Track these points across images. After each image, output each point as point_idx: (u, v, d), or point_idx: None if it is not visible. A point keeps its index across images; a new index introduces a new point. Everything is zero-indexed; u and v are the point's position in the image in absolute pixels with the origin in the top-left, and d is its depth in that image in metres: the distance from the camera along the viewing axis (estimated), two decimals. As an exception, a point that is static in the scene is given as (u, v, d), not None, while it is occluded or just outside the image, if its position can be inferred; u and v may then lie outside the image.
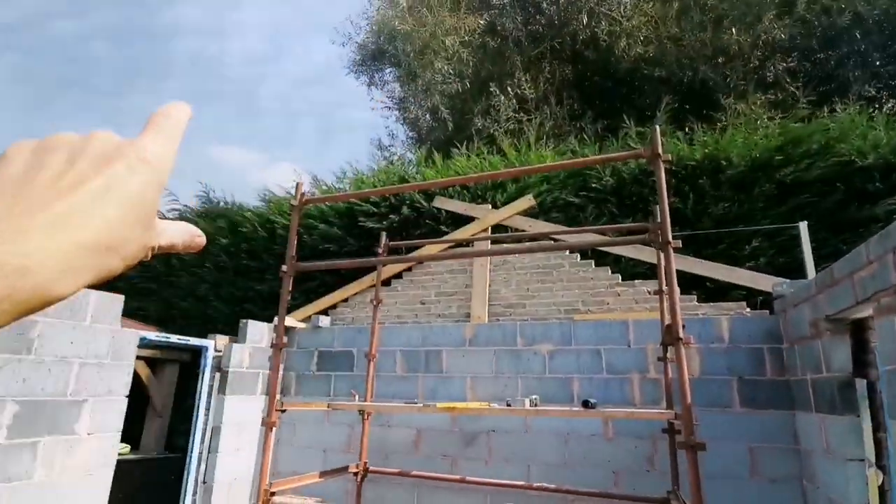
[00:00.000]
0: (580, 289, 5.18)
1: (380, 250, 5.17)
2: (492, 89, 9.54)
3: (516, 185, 6.13)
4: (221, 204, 7.86)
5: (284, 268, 3.82)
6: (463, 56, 10.12)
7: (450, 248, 5.83)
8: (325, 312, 5.91)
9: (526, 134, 7.83)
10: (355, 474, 4.54)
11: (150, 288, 7.23)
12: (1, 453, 3.03)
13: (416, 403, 4.69)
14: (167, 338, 4.50)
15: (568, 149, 7.00)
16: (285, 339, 3.98)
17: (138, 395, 4.81)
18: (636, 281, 5.00)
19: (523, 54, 10.27)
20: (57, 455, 3.32)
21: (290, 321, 5.32)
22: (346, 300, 5.95)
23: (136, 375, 4.30)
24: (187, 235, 0.37)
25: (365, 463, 4.60)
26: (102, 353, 3.66)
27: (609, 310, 4.99)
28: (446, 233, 5.99)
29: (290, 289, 3.93)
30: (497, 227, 5.81)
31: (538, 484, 4.16)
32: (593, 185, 5.93)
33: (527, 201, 5.79)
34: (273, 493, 3.61)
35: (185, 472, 4.50)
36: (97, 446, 3.58)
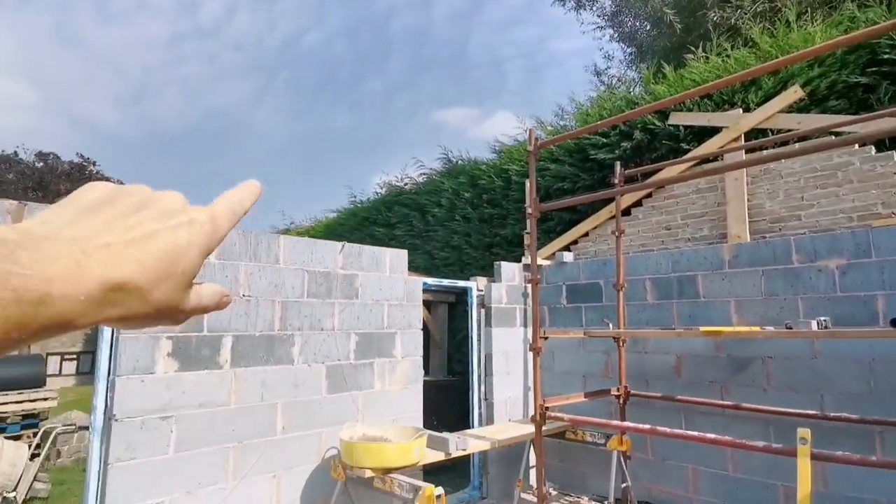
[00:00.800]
0: (879, 188, 4.21)
1: (615, 181, 5.09)
2: (727, -30, 8.01)
3: (774, 77, 5.18)
4: (459, 162, 8.73)
5: (529, 210, 4.15)
6: (684, -59, 8.70)
7: (693, 166, 5.35)
8: (566, 249, 6.16)
9: (782, 12, 6.42)
10: (617, 396, 4.78)
11: (415, 243, 8.61)
12: (353, 369, 4.21)
13: (672, 329, 4.61)
14: (440, 282, 5.38)
15: (844, 17, 5.52)
16: (538, 276, 4.37)
17: (422, 331, 5.91)
18: (972, 168, 3.81)
19: (766, -90, 8.24)
20: (385, 371, 4.42)
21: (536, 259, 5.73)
22: (585, 234, 6.07)
23: (422, 313, 5.30)
24: (217, 296, 0.37)
25: (626, 387, 4.79)
26: (400, 296, 4.64)
27: (928, 210, 3.95)
28: (687, 150, 5.49)
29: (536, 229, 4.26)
30: (751, 134, 5.07)
31: (835, 414, 3.71)
32: (886, 56, 4.61)
33: (791, 94, 4.86)
34: (547, 408, 4.12)
35: (471, 391, 5.41)
36: (409, 367, 4.61)
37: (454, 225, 8.04)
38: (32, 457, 6.16)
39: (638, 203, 5.77)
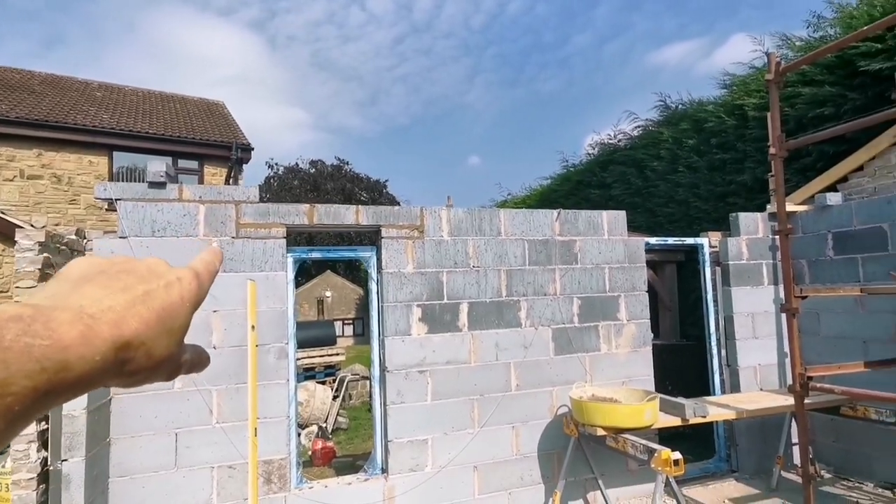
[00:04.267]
0: None
1: (901, 94, 3.96)
2: None
3: None
4: (679, 107, 7.84)
5: (772, 150, 3.57)
6: None
7: None
8: (830, 189, 5.06)
9: None
10: (918, 368, 3.81)
11: (634, 202, 8.14)
12: (578, 332, 4.32)
13: None
14: (665, 240, 5.03)
15: None
16: (789, 225, 3.74)
17: (649, 293, 5.62)
18: None
19: None
20: (611, 335, 4.42)
21: (787, 206, 4.86)
22: (859, 168, 4.88)
23: (647, 275, 5.04)
24: (197, 354, 0.40)
25: (931, 356, 3.78)
26: (620, 258, 4.53)
27: None
28: None
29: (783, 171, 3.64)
30: None
31: None
32: None
33: None
34: (810, 378, 3.56)
35: (709, 356, 4.98)
36: (635, 330, 4.50)
37: (677, 177, 7.32)
38: (334, 398, 8.05)
39: (943, 118, 4.36)
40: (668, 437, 4.30)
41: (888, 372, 3.94)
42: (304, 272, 23.79)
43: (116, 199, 3.31)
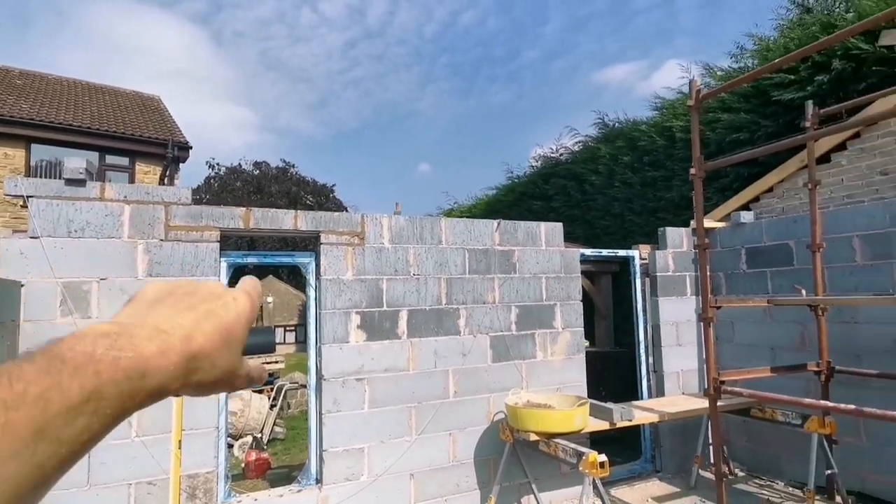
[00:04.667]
0: None
1: (806, 123, 4.36)
2: None
3: None
4: (616, 125, 8.25)
5: (693, 170, 3.83)
6: None
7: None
8: (745, 208, 5.48)
9: None
10: (817, 373, 4.19)
11: (574, 214, 8.45)
12: (515, 340, 4.43)
13: (893, 295, 3.85)
14: (599, 252, 5.27)
15: None
16: (707, 240, 4.02)
17: (586, 302, 5.85)
18: None
19: None
20: (546, 342, 4.56)
21: (707, 222, 5.22)
22: (769, 190, 5.32)
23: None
24: (259, 368, 0.45)
25: (828, 362, 4.16)
26: (557, 268, 4.69)
27: None
28: (911, 73, 4.40)
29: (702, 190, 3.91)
30: None
31: None
32: None
33: None
34: (723, 382, 3.83)
35: (638, 362, 5.24)
36: (570, 338, 4.67)
37: (614, 192, 7.68)
38: (271, 407, 7.78)
39: (841, 147, 4.85)
40: (601, 440, 4.47)
41: (794, 377, 4.30)
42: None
43: (29, 196, 3.08)
